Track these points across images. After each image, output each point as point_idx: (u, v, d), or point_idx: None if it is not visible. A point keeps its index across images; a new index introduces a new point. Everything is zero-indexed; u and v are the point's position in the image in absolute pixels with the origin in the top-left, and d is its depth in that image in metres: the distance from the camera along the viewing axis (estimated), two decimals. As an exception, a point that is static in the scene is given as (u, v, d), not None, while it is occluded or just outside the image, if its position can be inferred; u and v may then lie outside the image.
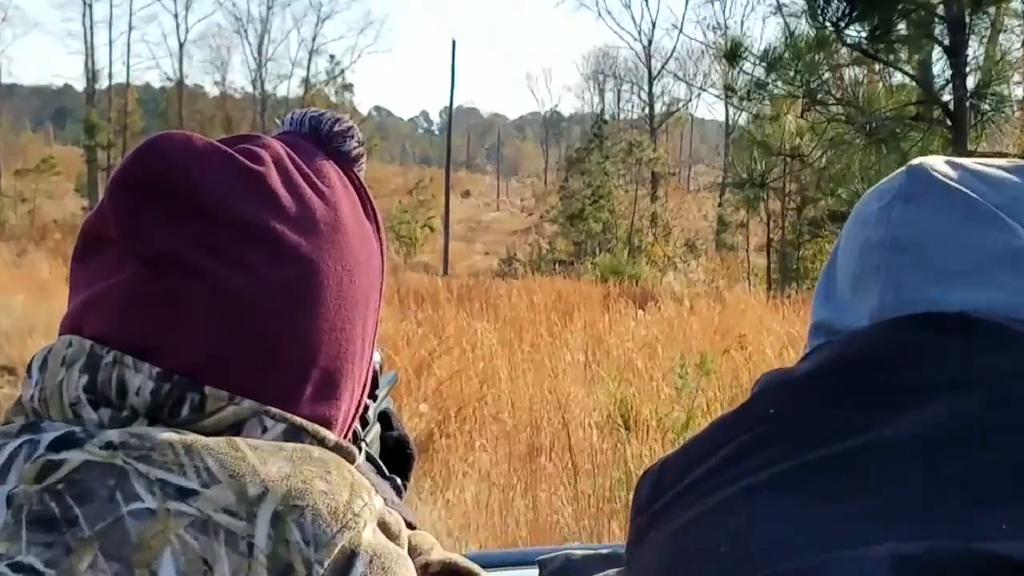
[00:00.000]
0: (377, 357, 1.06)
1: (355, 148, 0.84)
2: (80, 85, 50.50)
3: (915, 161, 0.75)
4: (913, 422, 0.59)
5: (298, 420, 0.71)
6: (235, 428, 0.68)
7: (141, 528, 0.61)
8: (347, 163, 0.82)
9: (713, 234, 34.37)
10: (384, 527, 0.69)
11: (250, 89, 50.47)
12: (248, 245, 0.70)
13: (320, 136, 0.82)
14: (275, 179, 0.73)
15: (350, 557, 0.64)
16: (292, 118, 0.85)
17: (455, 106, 37.31)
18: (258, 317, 0.70)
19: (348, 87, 50.59)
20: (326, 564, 0.63)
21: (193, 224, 0.69)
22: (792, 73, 8.50)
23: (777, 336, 9.16)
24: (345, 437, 0.78)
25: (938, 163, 0.74)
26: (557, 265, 27.82)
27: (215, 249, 0.69)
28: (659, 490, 0.67)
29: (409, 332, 9.49)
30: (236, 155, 0.73)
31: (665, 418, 6.05)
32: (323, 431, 0.73)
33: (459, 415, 6.68)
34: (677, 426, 5.88)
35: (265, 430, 0.69)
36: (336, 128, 0.83)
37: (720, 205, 33.59)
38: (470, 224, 53.22)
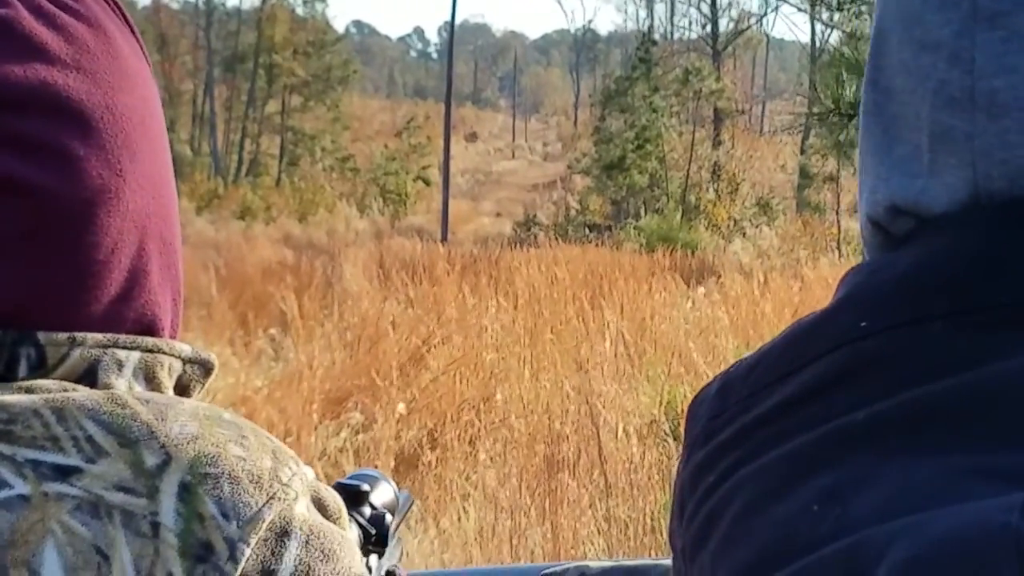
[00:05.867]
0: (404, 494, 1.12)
1: None
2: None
3: None
4: None
5: (149, 341, 0.70)
6: (90, 376, 0.68)
7: (12, 520, 0.61)
8: None
9: (794, 191, 34.27)
10: (320, 504, 0.69)
11: (191, -3, 50.52)
12: (43, 121, 0.67)
13: None
14: (26, 16, 0.68)
15: (281, 535, 0.65)
16: None
17: (459, 21, 37.22)
18: (78, 217, 0.68)
19: (319, -5, 50.44)
20: (252, 542, 0.63)
21: None
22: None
23: (875, 321, 9.10)
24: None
25: None
26: (589, 230, 27.81)
27: (9, 139, 0.65)
28: (719, 420, 0.63)
29: (396, 315, 9.49)
30: None
31: (726, 425, 6.02)
32: (177, 344, 0.73)
33: (458, 420, 6.68)
34: (741, 435, 5.86)
35: (121, 366, 0.69)
36: None
37: (803, 153, 33.48)
38: (477, 176, 53.12)
